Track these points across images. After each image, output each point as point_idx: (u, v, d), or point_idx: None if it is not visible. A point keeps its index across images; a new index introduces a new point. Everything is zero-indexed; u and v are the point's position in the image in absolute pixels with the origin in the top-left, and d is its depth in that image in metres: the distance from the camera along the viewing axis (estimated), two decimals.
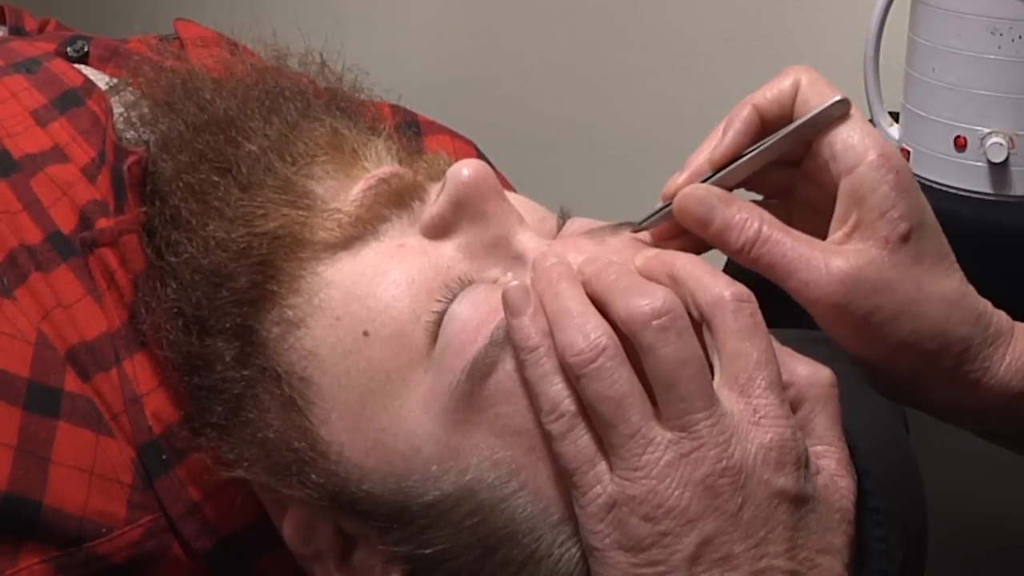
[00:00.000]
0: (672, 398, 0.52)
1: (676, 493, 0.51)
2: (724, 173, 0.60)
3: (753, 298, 0.54)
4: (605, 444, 0.52)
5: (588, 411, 0.52)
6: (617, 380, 0.52)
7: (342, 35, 0.72)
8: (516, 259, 0.59)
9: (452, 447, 0.55)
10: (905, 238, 0.57)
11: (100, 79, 0.74)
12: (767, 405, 0.52)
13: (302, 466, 0.58)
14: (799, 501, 0.52)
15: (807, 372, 0.55)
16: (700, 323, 0.54)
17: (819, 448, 0.55)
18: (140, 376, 0.62)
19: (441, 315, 0.57)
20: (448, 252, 0.59)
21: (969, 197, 1.09)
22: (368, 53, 0.82)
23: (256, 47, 0.74)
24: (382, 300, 0.57)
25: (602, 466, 0.52)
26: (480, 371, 0.55)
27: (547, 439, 0.54)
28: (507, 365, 0.55)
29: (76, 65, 0.75)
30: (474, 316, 0.56)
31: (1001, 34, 1.04)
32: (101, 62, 0.77)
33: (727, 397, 0.52)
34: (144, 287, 0.63)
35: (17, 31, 0.87)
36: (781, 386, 0.53)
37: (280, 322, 0.59)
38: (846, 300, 0.56)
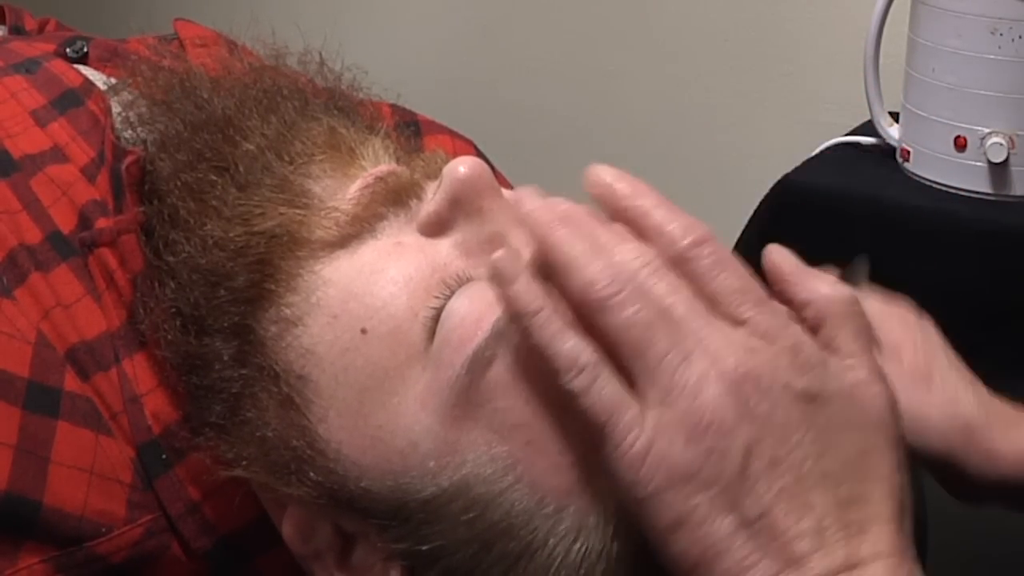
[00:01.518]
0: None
1: (712, 405, 0.50)
2: None
3: (710, 235, 0.53)
4: (636, 375, 0.51)
5: (615, 345, 0.51)
6: (643, 306, 0.51)
7: (341, 34, 0.72)
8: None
9: (450, 443, 0.55)
10: None
11: (99, 79, 0.74)
12: (764, 320, 0.52)
13: (300, 464, 0.58)
14: (823, 400, 0.51)
15: (827, 290, 0.54)
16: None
17: (847, 362, 0.53)
18: (139, 376, 0.62)
19: (439, 312, 0.56)
20: (445, 249, 0.59)
21: (969, 197, 1.09)
22: (367, 52, 0.82)
23: (255, 46, 0.74)
24: (380, 298, 0.57)
25: (634, 410, 0.51)
26: (480, 364, 0.55)
27: (547, 432, 0.54)
28: (506, 359, 0.55)
29: (75, 65, 0.75)
30: (472, 311, 0.56)
31: (1001, 34, 1.04)
32: (100, 62, 0.77)
33: (732, 330, 0.52)
34: (142, 287, 0.63)
35: (17, 31, 0.87)
36: (771, 302, 0.53)
37: (278, 321, 0.59)
38: None
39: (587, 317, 0.52)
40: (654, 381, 0.51)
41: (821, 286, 0.55)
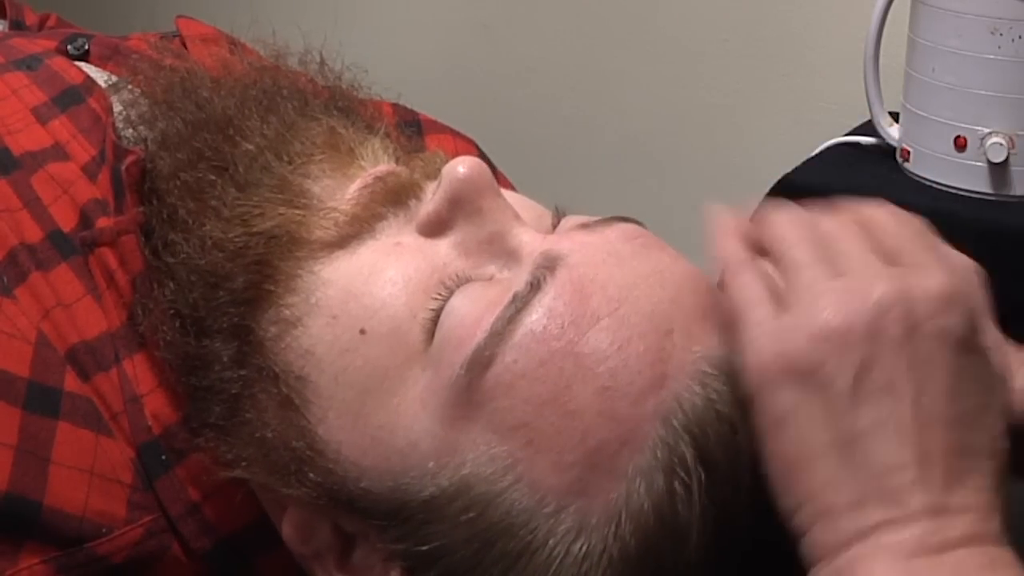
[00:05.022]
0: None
1: (845, 316, 0.51)
2: None
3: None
4: (785, 286, 0.54)
5: (777, 265, 0.55)
6: (811, 242, 0.55)
7: (341, 34, 0.72)
8: (512, 255, 0.59)
9: (449, 443, 0.55)
10: None
11: (100, 77, 0.74)
12: (931, 261, 0.53)
13: (300, 465, 0.58)
14: (966, 347, 0.52)
15: (958, 260, 0.55)
16: None
17: (982, 322, 0.54)
18: (139, 376, 0.62)
19: (438, 312, 0.56)
20: (444, 250, 0.59)
21: (969, 197, 1.09)
22: (368, 52, 0.82)
23: (255, 46, 0.74)
24: (379, 298, 0.57)
25: (769, 307, 0.53)
26: (480, 364, 0.55)
27: (548, 432, 0.54)
28: (506, 358, 0.55)
29: (77, 63, 0.75)
30: (472, 311, 0.56)
31: (1001, 34, 1.04)
32: (102, 60, 0.77)
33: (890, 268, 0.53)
34: (142, 287, 0.63)
35: (17, 25, 0.87)
36: (937, 250, 0.55)
37: (277, 321, 0.59)
38: None
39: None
40: (797, 288, 0.52)
41: (954, 257, 0.55)
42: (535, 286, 0.55)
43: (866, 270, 0.53)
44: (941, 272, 0.53)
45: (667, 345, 0.54)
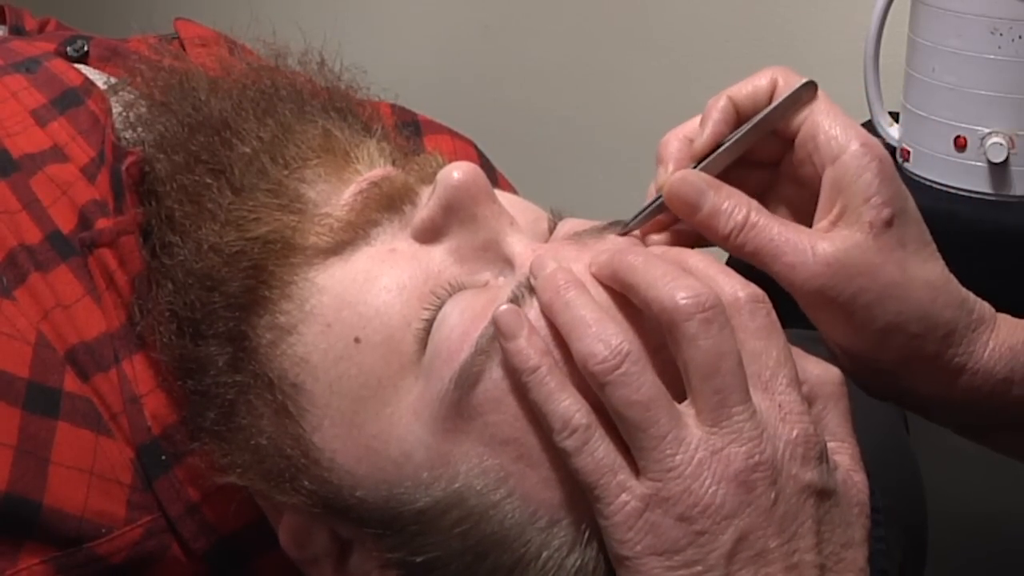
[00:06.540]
0: (708, 390, 0.52)
1: (711, 491, 0.51)
2: (706, 163, 0.60)
3: (767, 299, 0.54)
4: (633, 449, 0.52)
5: (613, 417, 0.52)
6: (643, 384, 0.51)
7: (341, 34, 0.72)
8: (506, 262, 0.59)
9: (442, 454, 0.55)
10: (889, 223, 0.57)
11: (99, 79, 0.74)
12: (790, 402, 0.53)
13: (295, 473, 0.58)
14: (824, 495, 0.52)
15: (818, 371, 0.56)
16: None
17: (832, 444, 0.55)
18: (139, 377, 0.62)
19: (431, 322, 0.56)
20: (438, 256, 0.59)
21: (969, 197, 1.09)
22: (367, 52, 0.82)
23: (255, 46, 0.74)
24: (373, 306, 0.57)
25: (624, 473, 0.52)
26: (468, 380, 0.54)
27: (538, 447, 0.54)
28: (494, 374, 0.54)
29: (76, 65, 0.75)
30: (460, 323, 0.55)
31: (1001, 34, 1.04)
32: (101, 62, 0.77)
33: (753, 395, 0.52)
34: (140, 288, 0.63)
35: (17, 31, 0.87)
36: (799, 383, 0.54)
37: (272, 328, 0.59)
38: (831, 283, 0.56)
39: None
40: (652, 459, 0.51)
41: (811, 366, 0.56)
42: (516, 303, 0.55)
43: (732, 417, 0.51)
44: (800, 416, 0.52)
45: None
